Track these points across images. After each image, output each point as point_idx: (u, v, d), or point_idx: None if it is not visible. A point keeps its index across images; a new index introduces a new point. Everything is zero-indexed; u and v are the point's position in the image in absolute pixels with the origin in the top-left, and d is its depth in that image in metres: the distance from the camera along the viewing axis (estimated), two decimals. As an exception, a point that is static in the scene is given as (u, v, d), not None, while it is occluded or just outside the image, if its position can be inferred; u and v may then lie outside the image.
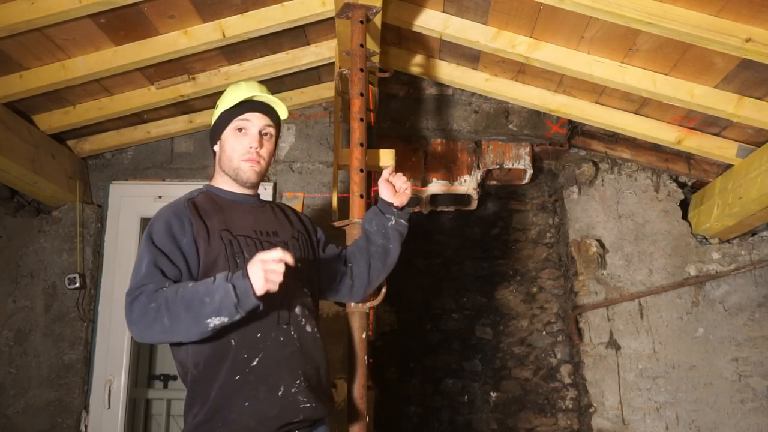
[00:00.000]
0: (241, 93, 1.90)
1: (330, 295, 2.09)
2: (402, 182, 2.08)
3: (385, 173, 2.09)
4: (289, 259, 1.57)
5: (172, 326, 1.60)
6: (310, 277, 1.93)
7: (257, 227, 1.85)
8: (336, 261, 2.06)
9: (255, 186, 1.95)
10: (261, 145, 1.89)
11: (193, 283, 1.64)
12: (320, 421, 1.80)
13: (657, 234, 3.59)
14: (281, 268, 1.55)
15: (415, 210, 3.67)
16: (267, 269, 1.55)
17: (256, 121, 1.88)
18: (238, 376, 1.68)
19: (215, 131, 1.94)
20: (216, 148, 1.95)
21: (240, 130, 1.88)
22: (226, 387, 1.68)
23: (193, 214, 1.78)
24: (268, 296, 1.58)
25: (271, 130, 1.93)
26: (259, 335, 1.71)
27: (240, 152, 1.87)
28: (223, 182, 1.93)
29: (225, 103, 1.92)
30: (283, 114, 1.94)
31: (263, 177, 1.95)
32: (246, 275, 1.56)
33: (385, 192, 2.07)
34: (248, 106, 1.89)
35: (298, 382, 1.71)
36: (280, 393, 1.68)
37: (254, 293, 1.54)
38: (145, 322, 1.62)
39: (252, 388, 1.68)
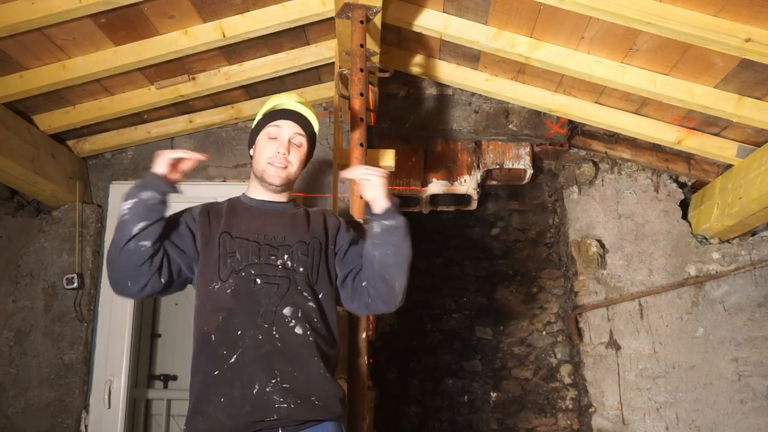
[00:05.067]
0: (277, 101, 2.01)
1: (360, 310, 1.99)
2: (362, 173, 1.86)
3: (346, 173, 1.92)
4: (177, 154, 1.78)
5: (111, 252, 1.75)
6: (317, 283, 1.89)
7: (262, 231, 1.88)
8: (356, 278, 1.95)
9: (281, 191, 1.99)
10: (289, 151, 1.95)
11: None
12: (314, 422, 1.76)
13: (657, 234, 3.59)
14: (172, 153, 1.77)
15: (415, 210, 3.66)
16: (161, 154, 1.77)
17: (286, 128, 1.96)
18: (217, 372, 1.72)
19: (251, 138, 2.04)
20: (251, 152, 2.04)
21: (271, 136, 1.96)
22: (207, 381, 1.73)
23: (203, 215, 1.92)
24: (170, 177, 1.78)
25: (302, 140, 1.99)
26: (239, 333, 1.75)
27: (267, 156, 1.95)
28: (251, 187, 2.02)
29: (261, 112, 2.02)
30: (315, 126, 2.02)
31: (290, 183, 2.00)
32: None
33: (363, 195, 1.90)
34: (281, 113, 1.97)
35: (273, 381, 1.71)
36: (254, 391, 1.70)
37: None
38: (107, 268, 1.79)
39: (228, 384, 1.71)
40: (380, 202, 1.86)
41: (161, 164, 1.77)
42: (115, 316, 3.32)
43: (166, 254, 1.82)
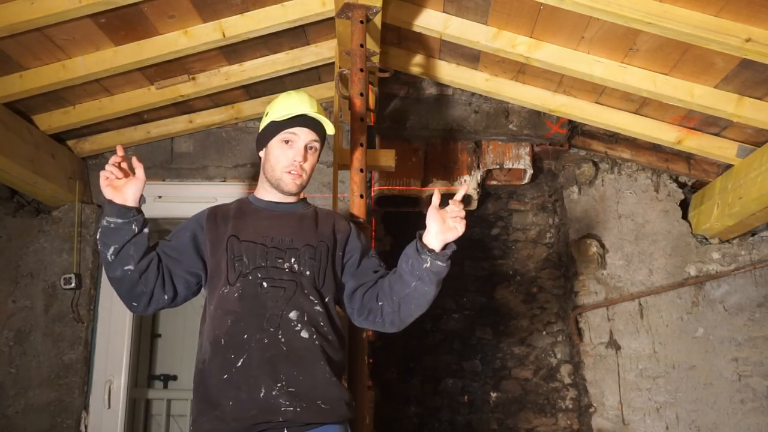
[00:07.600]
0: (292, 105, 1.96)
1: (365, 324, 2.01)
2: (455, 214, 1.79)
3: (435, 199, 1.81)
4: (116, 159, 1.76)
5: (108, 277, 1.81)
6: (324, 287, 1.89)
7: (269, 233, 1.89)
8: (367, 293, 1.95)
9: (294, 194, 2.01)
10: (305, 159, 1.95)
11: None
12: (319, 426, 1.76)
13: (657, 234, 3.59)
14: (110, 168, 1.75)
15: (415, 210, 3.66)
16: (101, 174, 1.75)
17: (303, 135, 1.95)
18: (225, 375, 1.73)
19: (262, 139, 2.01)
20: (261, 154, 2.02)
21: (287, 142, 1.95)
22: (217, 385, 1.73)
23: (210, 220, 1.92)
24: (120, 199, 1.76)
25: (316, 145, 1.99)
26: (245, 336, 1.76)
27: (284, 164, 1.94)
28: (261, 188, 2.02)
29: (274, 112, 1.98)
30: (330, 131, 2.00)
31: (304, 188, 2.02)
32: None
33: (431, 224, 1.80)
34: (297, 119, 1.94)
35: (279, 385, 1.71)
36: (261, 394, 1.71)
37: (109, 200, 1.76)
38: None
39: (235, 387, 1.71)
40: (444, 242, 1.81)
41: (102, 187, 1.76)
42: (115, 316, 3.32)
43: (165, 269, 1.84)
